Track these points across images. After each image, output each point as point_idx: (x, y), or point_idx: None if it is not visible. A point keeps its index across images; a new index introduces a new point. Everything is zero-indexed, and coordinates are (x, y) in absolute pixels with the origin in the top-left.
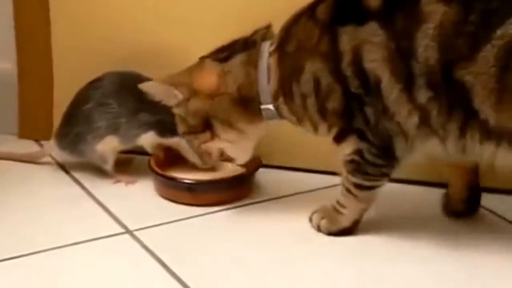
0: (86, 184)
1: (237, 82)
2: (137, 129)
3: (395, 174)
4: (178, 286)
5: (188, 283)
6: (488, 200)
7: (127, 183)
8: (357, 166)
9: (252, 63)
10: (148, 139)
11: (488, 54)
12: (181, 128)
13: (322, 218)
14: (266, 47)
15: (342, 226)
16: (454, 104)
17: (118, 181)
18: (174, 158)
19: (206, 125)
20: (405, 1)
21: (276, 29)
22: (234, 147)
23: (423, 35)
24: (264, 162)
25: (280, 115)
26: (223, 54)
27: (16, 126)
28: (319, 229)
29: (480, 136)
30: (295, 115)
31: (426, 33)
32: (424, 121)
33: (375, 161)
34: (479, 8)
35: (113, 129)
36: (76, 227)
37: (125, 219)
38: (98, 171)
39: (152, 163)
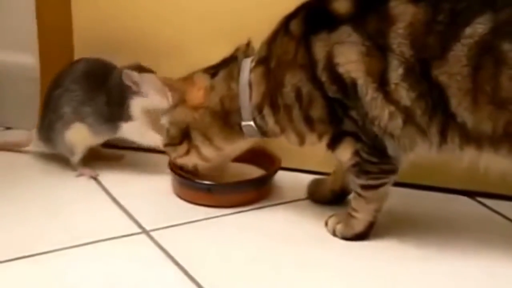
0: (104, 183)
1: (219, 97)
2: (109, 121)
3: (408, 179)
4: (194, 287)
5: (203, 284)
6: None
7: (90, 177)
8: (358, 167)
9: (234, 79)
10: (130, 128)
11: (459, 53)
12: (164, 139)
13: (338, 222)
14: (248, 64)
15: (356, 231)
16: (435, 106)
17: (81, 175)
18: None
19: (184, 137)
20: (374, 4)
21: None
22: (208, 165)
23: (395, 34)
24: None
25: (261, 132)
26: (213, 70)
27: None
28: (334, 233)
29: (460, 140)
30: (279, 124)
31: (397, 33)
32: (409, 122)
33: (370, 159)
34: (447, 8)
35: (80, 117)
36: (93, 226)
37: (141, 219)
38: (116, 169)
39: (172, 163)
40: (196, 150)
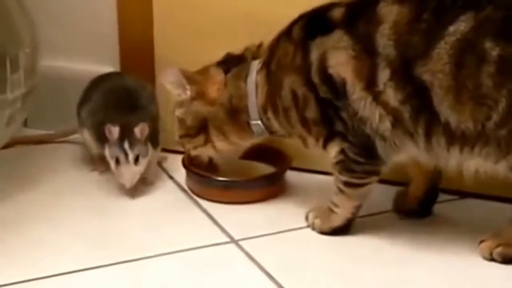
0: (192, 193)
1: (229, 94)
2: None
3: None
4: None
5: None
6: None
7: (101, 172)
8: (343, 164)
9: (242, 78)
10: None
11: (441, 51)
12: (177, 131)
13: (316, 217)
14: (255, 66)
15: (334, 225)
16: (420, 107)
17: (93, 170)
18: None
19: (202, 129)
20: (365, 7)
21: None
22: (221, 156)
23: (380, 36)
24: None
25: (269, 131)
26: (225, 66)
27: None
28: (313, 227)
29: (445, 141)
30: (283, 127)
31: (382, 34)
32: (397, 124)
33: (356, 159)
34: (431, 7)
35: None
36: (182, 235)
37: (230, 228)
38: None
39: (186, 160)
40: (212, 143)
